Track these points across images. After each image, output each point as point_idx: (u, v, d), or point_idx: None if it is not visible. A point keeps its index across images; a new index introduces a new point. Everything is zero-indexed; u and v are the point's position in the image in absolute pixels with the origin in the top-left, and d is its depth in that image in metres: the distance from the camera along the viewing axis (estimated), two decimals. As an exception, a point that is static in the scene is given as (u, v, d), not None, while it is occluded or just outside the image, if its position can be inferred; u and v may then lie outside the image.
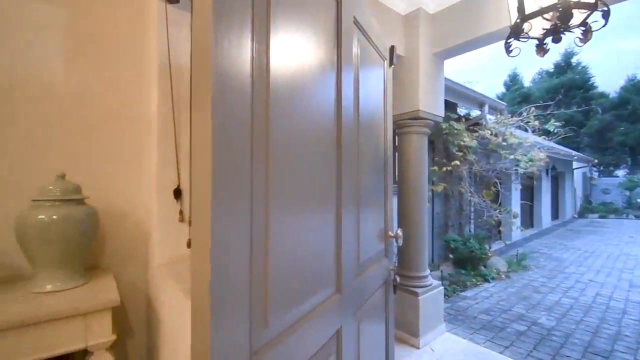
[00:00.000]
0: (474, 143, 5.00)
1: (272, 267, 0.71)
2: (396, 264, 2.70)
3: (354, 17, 1.17)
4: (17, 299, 1.06)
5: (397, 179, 2.79)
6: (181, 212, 1.43)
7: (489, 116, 5.67)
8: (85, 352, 1.11)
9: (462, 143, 4.97)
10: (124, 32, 1.56)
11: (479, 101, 5.66)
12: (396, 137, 2.82)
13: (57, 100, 1.39)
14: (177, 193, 1.42)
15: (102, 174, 1.48)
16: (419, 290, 2.51)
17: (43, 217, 1.08)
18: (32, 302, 1.04)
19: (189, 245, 1.28)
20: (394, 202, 1.75)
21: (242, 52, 0.63)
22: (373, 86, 1.42)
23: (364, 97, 1.28)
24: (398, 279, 1.59)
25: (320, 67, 0.94)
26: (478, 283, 4.69)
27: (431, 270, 3.01)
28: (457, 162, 4.85)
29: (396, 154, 2.87)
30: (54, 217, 1.09)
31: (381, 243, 1.49)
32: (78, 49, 1.44)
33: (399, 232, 1.48)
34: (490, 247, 5.98)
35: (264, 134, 0.70)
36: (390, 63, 1.63)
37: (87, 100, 1.46)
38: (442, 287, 2.75)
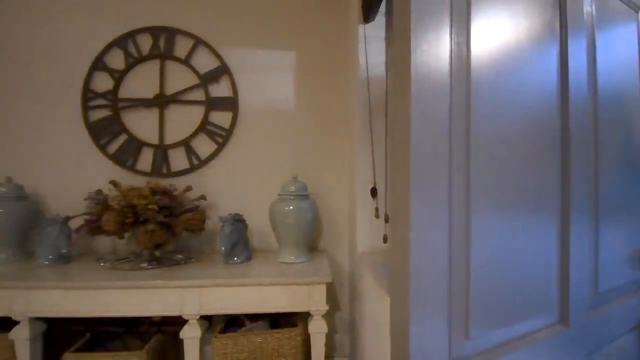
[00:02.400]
0: None
1: (474, 275, 0.66)
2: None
3: (589, -36, 0.89)
4: (271, 266, 1.50)
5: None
6: (376, 209, 1.56)
7: None
8: (307, 315, 1.42)
9: None
10: (331, 57, 1.89)
11: None
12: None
13: (292, 121, 1.86)
14: (373, 192, 1.57)
15: (320, 174, 1.86)
16: None
17: (285, 207, 1.49)
18: (279, 269, 1.44)
19: (385, 240, 1.38)
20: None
21: (440, 50, 0.62)
22: (620, 50, 1.02)
23: (605, 67, 0.95)
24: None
25: (533, 42, 0.78)
26: None
27: None
28: None
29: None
30: (291, 207, 1.48)
31: (636, 269, 1.05)
32: (301, 78, 1.87)
33: (678, 257, 0.99)
34: None
35: (463, 131, 0.65)
36: (656, 10, 1.12)
37: (307, 119, 1.87)
38: None
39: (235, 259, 1.52)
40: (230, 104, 1.82)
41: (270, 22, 1.86)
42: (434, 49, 0.61)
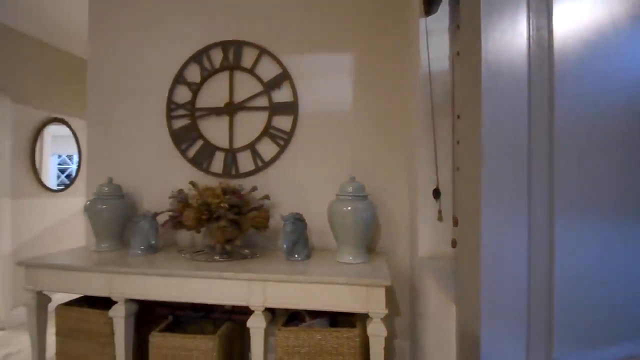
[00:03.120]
0: None
1: (559, 289, 0.59)
2: None
3: None
4: (330, 265, 1.52)
5: None
6: (440, 212, 1.49)
7: None
8: (365, 317, 1.40)
9: None
10: (389, 56, 1.85)
11: None
12: None
13: (350, 121, 1.87)
14: (436, 193, 1.49)
15: (379, 174, 1.84)
16: None
17: (342, 208, 1.50)
18: (338, 268, 1.46)
19: (453, 244, 1.31)
20: None
21: (515, 37, 0.57)
22: None
23: None
24: None
25: (632, 20, 0.66)
26: None
27: None
28: None
29: None
30: (349, 208, 1.49)
31: None
32: (359, 79, 1.88)
33: None
34: None
35: (545, 127, 0.59)
36: None
37: (365, 119, 1.87)
38: None
39: (296, 256, 1.58)
40: (291, 108, 1.90)
41: (328, 26, 1.90)
42: (508, 37, 0.57)
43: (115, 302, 1.51)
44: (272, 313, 1.48)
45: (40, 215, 2.88)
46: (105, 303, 1.54)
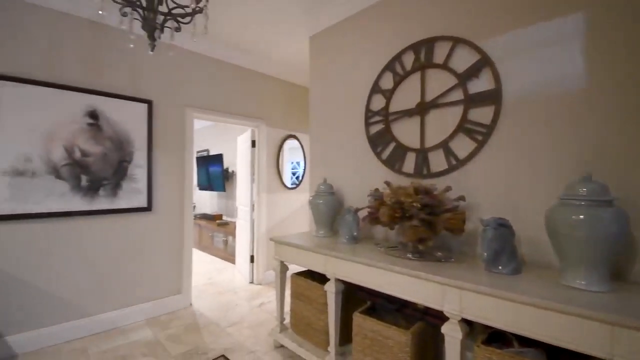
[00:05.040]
0: None
1: None
2: None
3: None
4: (549, 287, 1.22)
5: None
6: None
7: None
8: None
9: None
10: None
11: None
12: None
13: (580, 103, 1.43)
14: None
15: (630, 172, 1.30)
16: None
17: (571, 215, 1.16)
18: (562, 293, 1.15)
19: None
20: None
21: None
22: None
23: None
24: None
25: None
26: None
27: None
28: None
29: None
30: (581, 217, 1.13)
31: None
32: (596, 44, 1.38)
33: None
34: None
35: None
36: None
37: (607, 97, 1.35)
38: None
39: (500, 268, 1.38)
40: (492, 97, 1.67)
41: (546, -12, 1.52)
42: None
43: (328, 279, 1.85)
44: (468, 325, 1.36)
45: (282, 206, 3.94)
46: (323, 278, 1.92)
